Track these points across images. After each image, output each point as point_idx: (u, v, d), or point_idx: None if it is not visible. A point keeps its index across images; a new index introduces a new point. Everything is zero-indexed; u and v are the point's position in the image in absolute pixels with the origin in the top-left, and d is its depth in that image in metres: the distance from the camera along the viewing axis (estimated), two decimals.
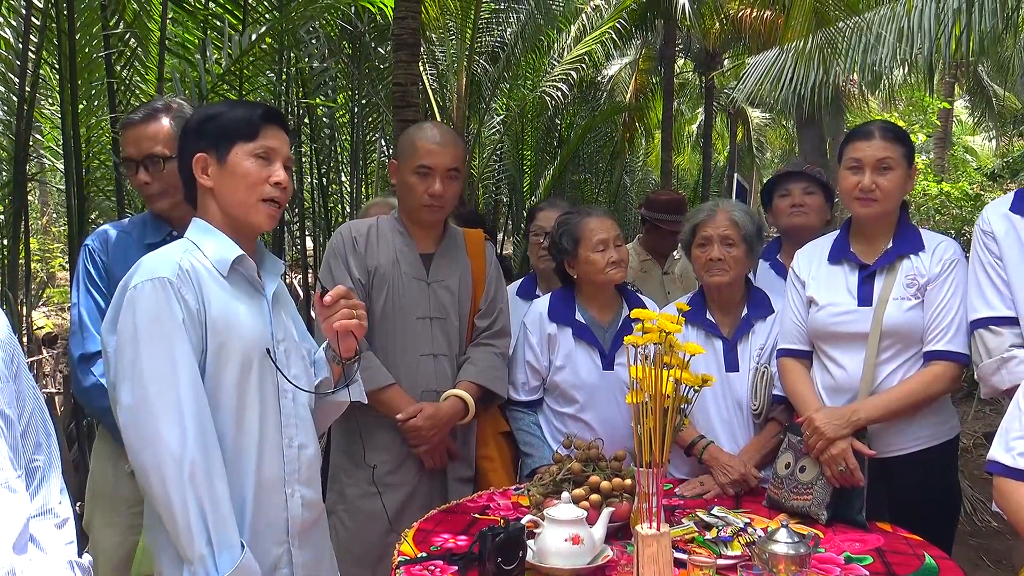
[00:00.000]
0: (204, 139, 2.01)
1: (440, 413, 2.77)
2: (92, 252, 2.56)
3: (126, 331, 1.85)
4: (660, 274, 4.29)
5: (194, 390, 1.82)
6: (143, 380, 1.81)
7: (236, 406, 1.92)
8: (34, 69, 5.08)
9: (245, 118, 1.99)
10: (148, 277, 1.87)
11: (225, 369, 1.90)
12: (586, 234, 2.93)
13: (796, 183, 3.40)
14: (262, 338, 1.98)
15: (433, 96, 9.28)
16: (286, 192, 2.01)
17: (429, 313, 2.84)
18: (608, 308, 2.99)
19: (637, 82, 14.86)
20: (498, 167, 12.11)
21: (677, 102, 16.52)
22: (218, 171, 1.99)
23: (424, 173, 2.77)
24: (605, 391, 2.89)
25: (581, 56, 10.53)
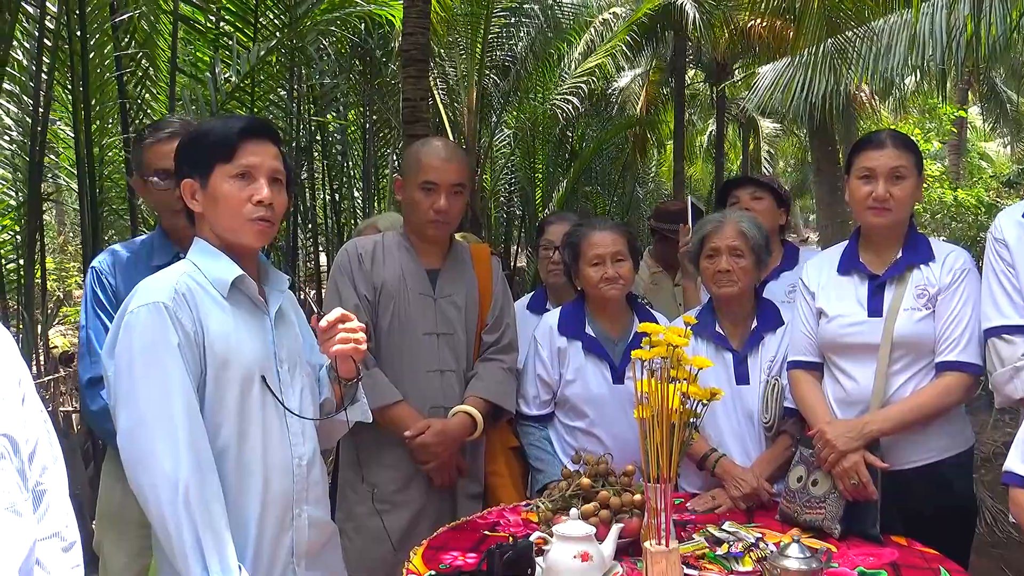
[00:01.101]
0: (188, 164, 2.01)
1: (448, 429, 2.75)
2: (100, 274, 2.55)
3: (123, 356, 1.85)
4: (671, 286, 4.25)
5: (188, 413, 1.82)
6: (139, 404, 1.81)
7: (238, 426, 1.91)
8: (47, 90, 5.13)
9: (220, 138, 1.96)
10: (144, 302, 1.86)
11: (226, 390, 1.90)
12: (584, 248, 2.93)
13: (743, 189, 3.43)
14: (263, 358, 1.97)
15: (444, 111, 9.31)
16: (274, 207, 1.98)
17: (436, 329, 2.84)
18: (618, 321, 2.98)
19: (648, 94, 14.86)
20: (510, 181, 12.13)
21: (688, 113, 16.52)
22: (203, 196, 1.98)
23: (429, 189, 2.77)
24: (615, 405, 2.87)
25: (592, 69, 10.56)
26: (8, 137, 5.67)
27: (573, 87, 10.56)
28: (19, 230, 5.70)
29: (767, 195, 3.39)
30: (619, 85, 14.45)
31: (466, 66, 9.37)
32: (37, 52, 5.01)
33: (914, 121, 19.53)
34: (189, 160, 2.00)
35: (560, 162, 12.68)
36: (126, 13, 5.17)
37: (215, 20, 6.13)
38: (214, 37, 6.18)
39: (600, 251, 2.91)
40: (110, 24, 5.13)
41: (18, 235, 5.77)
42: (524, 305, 3.53)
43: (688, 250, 3.00)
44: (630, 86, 14.87)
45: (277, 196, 1.99)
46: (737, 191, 3.43)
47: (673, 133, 13.12)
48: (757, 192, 3.39)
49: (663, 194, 17.63)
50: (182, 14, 5.65)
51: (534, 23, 10.11)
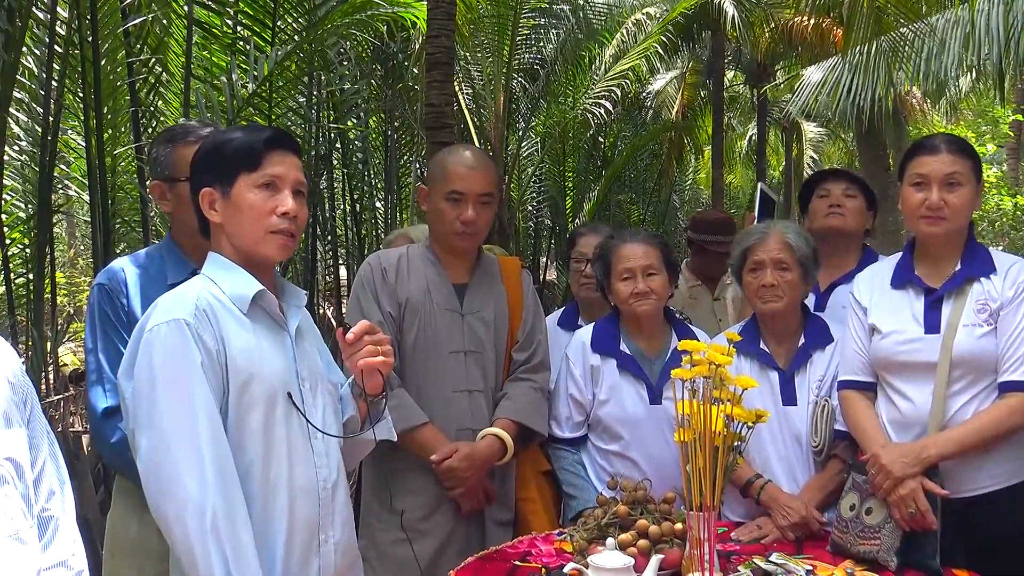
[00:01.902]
0: (209, 172, 2.02)
1: (477, 453, 2.74)
2: (109, 292, 2.46)
3: (143, 376, 1.86)
4: (710, 300, 4.23)
5: (214, 435, 1.82)
6: (161, 426, 1.82)
7: (263, 448, 1.92)
8: (58, 98, 5.20)
9: (246, 146, 1.98)
10: (164, 319, 1.87)
11: (249, 410, 1.91)
12: (614, 262, 2.93)
13: (836, 183, 3.31)
14: (286, 376, 1.98)
15: (469, 116, 9.35)
16: (297, 220, 2.00)
17: (463, 347, 2.83)
18: (655, 338, 2.96)
19: (684, 97, 14.86)
20: (539, 189, 12.14)
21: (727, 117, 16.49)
22: (224, 205, 2.00)
23: (456, 199, 2.77)
24: (652, 427, 2.85)
25: (625, 71, 10.57)
26: (17, 147, 5.75)
27: (605, 91, 10.58)
28: (29, 243, 5.77)
29: (860, 193, 3.29)
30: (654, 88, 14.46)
31: (493, 70, 9.40)
32: (47, 58, 5.08)
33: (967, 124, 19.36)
34: (210, 168, 2.02)
35: (591, 170, 12.68)
36: (138, 17, 5.24)
37: (231, 24, 6.19)
38: (230, 42, 6.24)
39: (630, 264, 2.90)
40: (122, 29, 5.19)
41: (28, 248, 5.85)
42: (555, 321, 3.53)
43: (731, 262, 2.98)
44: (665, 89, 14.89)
45: (300, 209, 2.01)
46: (829, 184, 3.31)
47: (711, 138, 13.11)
48: (851, 188, 3.29)
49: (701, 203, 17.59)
50: (197, 18, 5.71)
51: (564, 24, 10.15)
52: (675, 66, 14.75)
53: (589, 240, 3.55)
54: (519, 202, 11.01)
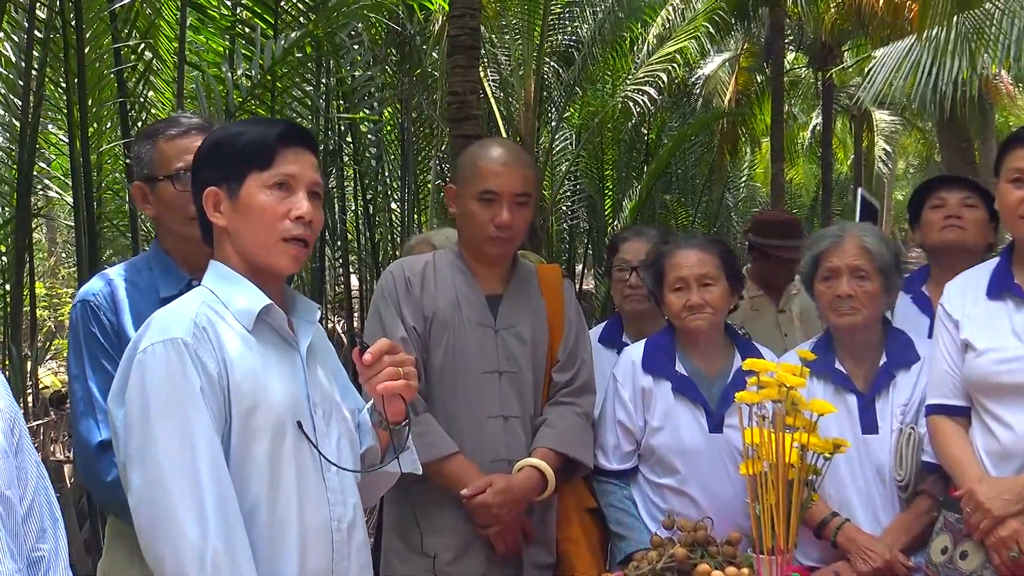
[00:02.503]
0: (214, 170, 2.02)
1: (513, 487, 2.73)
2: (94, 308, 2.43)
3: (135, 403, 1.85)
4: (774, 313, 4.21)
5: (215, 468, 1.82)
6: (156, 458, 1.81)
7: (270, 484, 1.91)
8: (38, 88, 5.25)
9: (257, 142, 1.98)
10: (159, 338, 1.86)
11: (254, 441, 1.90)
12: (667, 269, 2.93)
13: (953, 191, 3.25)
14: (296, 402, 1.97)
15: (496, 106, 9.38)
16: (313, 226, 2.00)
17: (497, 366, 2.83)
18: (715, 357, 2.95)
19: (738, 82, 14.83)
20: (574, 188, 12.15)
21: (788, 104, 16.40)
22: (231, 208, 1.99)
23: (489, 200, 2.77)
24: (712, 458, 2.84)
25: (671, 54, 10.55)
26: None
27: (649, 76, 10.55)
28: (5, 250, 5.85)
29: (981, 203, 3.22)
30: (704, 73, 14.44)
31: (522, 53, 9.43)
32: (27, 45, 5.14)
33: None
34: (215, 165, 2.02)
35: (633, 165, 12.68)
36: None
37: (230, 5, 6.25)
38: (229, 24, 6.31)
39: (683, 273, 2.89)
40: (108, 11, 5.25)
41: (4, 256, 5.92)
42: (595, 337, 3.51)
43: (800, 270, 2.96)
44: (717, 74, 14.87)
45: (316, 213, 2.01)
46: (944, 192, 3.26)
47: (770, 129, 13.06)
48: (971, 198, 3.23)
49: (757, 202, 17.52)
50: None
51: (602, 2, 10.16)
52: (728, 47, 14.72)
53: (633, 246, 3.54)
54: (552, 202, 11.01)
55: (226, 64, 5.53)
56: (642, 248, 3.45)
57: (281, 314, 2.00)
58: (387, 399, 2.06)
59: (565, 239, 12.74)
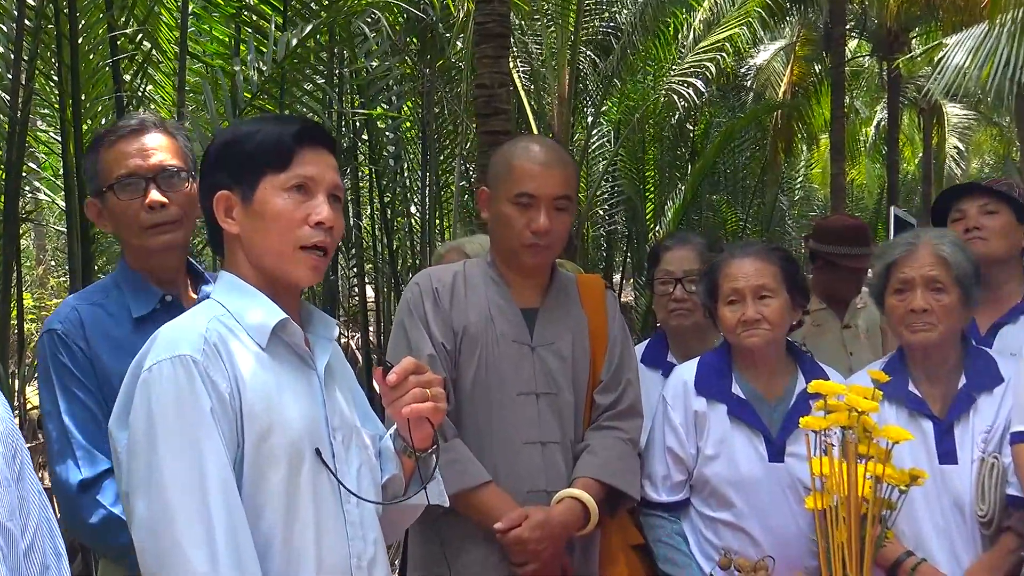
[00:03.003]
0: (225, 171, 2.03)
1: (552, 521, 2.73)
2: (63, 338, 2.45)
3: (139, 426, 1.86)
4: (839, 329, 4.20)
5: (226, 497, 1.82)
6: (162, 486, 1.81)
7: (285, 515, 1.91)
8: (28, 82, 5.28)
9: (273, 141, 1.99)
10: (166, 356, 1.87)
11: (269, 468, 1.90)
12: (721, 281, 2.93)
13: (971, 201, 3.31)
14: (314, 426, 1.98)
15: (527, 100, 9.39)
16: (333, 232, 2.01)
17: (534, 387, 2.83)
18: (776, 378, 2.95)
19: (794, 73, 14.79)
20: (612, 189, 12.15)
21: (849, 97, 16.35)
22: (244, 213, 2.00)
23: (525, 203, 2.77)
24: (772, 490, 2.84)
25: (719, 42, 10.55)
26: None
27: (695, 66, 10.57)
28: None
29: (1004, 207, 3.28)
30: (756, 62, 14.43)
31: (555, 42, 9.45)
32: (16, 35, 5.17)
33: None
34: (226, 167, 2.03)
35: (677, 165, 12.67)
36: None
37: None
38: (234, 11, 6.36)
39: (738, 284, 2.90)
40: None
41: None
42: (637, 356, 3.51)
43: (870, 282, 2.96)
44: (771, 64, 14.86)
45: (337, 219, 2.02)
46: (961, 203, 3.33)
47: (829, 124, 12.99)
48: (990, 204, 3.28)
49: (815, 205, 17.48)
50: None
51: None
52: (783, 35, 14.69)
53: (677, 255, 3.54)
54: (587, 205, 11.02)
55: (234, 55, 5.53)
56: (687, 257, 3.46)
57: (298, 330, 2.01)
58: (413, 424, 2.07)
59: (602, 246, 12.73)
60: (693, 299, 3.30)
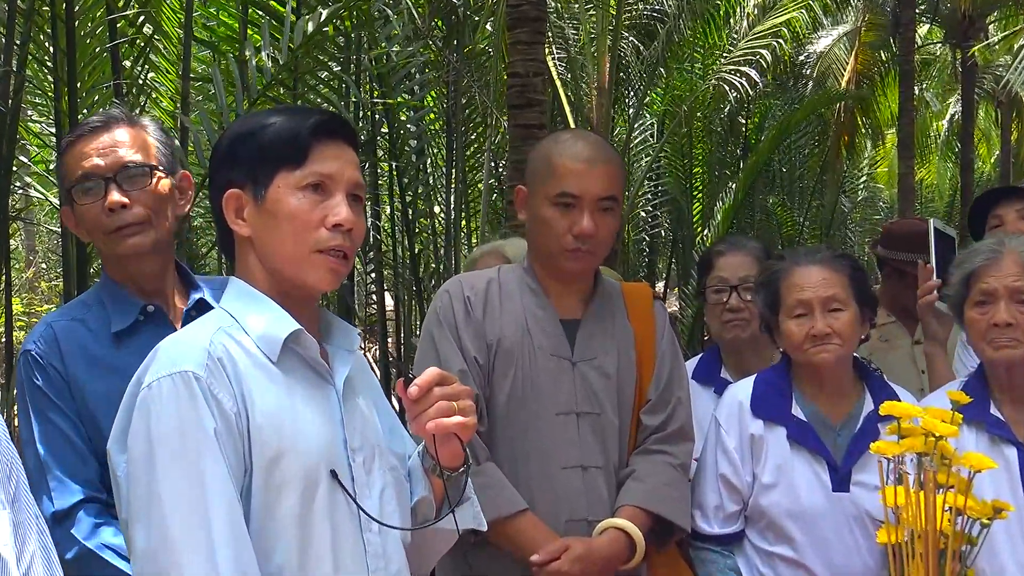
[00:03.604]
0: (236, 168, 2.03)
1: (594, 553, 2.72)
2: (37, 359, 2.49)
3: (138, 449, 1.86)
4: (910, 344, 4.17)
5: (232, 529, 1.82)
6: (163, 515, 1.81)
7: (298, 546, 1.91)
8: (19, 68, 5.33)
9: (287, 135, 2.00)
10: (166, 372, 1.87)
11: (280, 495, 1.90)
12: (784, 291, 2.92)
13: (1007, 205, 3.36)
14: (330, 447, 1.97)
15: (563, 90, 9.39)
16: (353, 235, 2.01)
17: (575, 406, 2.83)
18: (841, 398, 2.94)
19: (858, 62, 14.72)
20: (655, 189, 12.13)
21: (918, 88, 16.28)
22: (255, 213, 2.01)
23: (567, 204, 2.78)
24: (836, 523, 2.83)
25: (776, 27, 10.52)
26: None
27: (748, 54, 10.54)
28: None
29: None
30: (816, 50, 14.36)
31: (595, 26, 9.45)
32: (7, 17, 5.21)
33: None
34: (237, 163, 2.04)
35: (728, 162, 12.64)
36: None
37: None
38: None
39: (805, 295, 2.87)
40: None
41: None
42: (688, 373, 3.51)
43: (945, 295, 2.94)
44: (832, 51, 14.78)
45: (358, 220, 2.02)
46: (998, 208, 3.37)
47: (896, 118, 12.94)
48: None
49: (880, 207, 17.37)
50: None
51: None
52: (846, 19, 14.64)
53: (731, 260, 3.54)
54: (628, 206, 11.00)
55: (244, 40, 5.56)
56: (742, 263, 3.45)
57: (312, 342, 2.01)
58: (439, 441, 2.05)
59: (644, 251, 12.72)
60: (750, 308, 3.29)
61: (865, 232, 17.18)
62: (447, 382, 2.04)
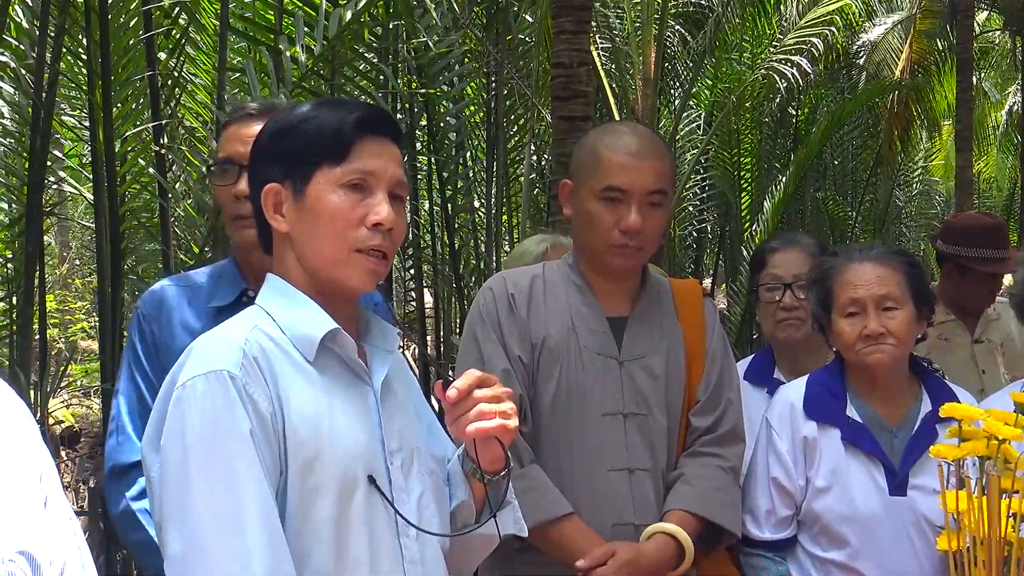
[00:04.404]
0: (275, 163, 2.04)
1: (642, 559, 2.70)
2: (141, 318, 2.65)
3: (172, 450, 1.86)
4: (969, 344, 4.16)
5: (268, 533, 1.82)
6: (197, 519, 1.82)
7: (335, 552, 1.91)
8: (54, 61, 5.37)
9: (329, 130, 2.00)
10: (200, 371, 1.88)
11: (316, 499, 1.90)
12: (837, 289, 2.90)
13: None
14: (368, 450, 1.97)
15: (607, 82, 9.37)
16: (393, 235, 2.01)
17: (622, 407, 2.82)
18: (898, 400, 2.92)
19: (913, 50, 14.61)
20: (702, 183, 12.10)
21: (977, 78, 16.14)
22: (294, 209, 2.01)
23: (614, 198, 2.77)
24: (894, 528, 2.81)
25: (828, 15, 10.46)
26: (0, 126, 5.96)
27: (799, 43, 10.50)
28: (12, 256, 5.96)
29: None
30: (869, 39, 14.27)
31: (640, 15, 9.43)
32: (42, 9, 5.25)
33: None
34: (277, 157, 2.04)
35: (778, 154, 12.57)
36: None
37: None
38: None
39: (859, 294, 2.86)
40: None
41: (9, 264, 6.05)
42: (740, 374, 3.48)
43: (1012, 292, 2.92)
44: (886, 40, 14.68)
45: (399, 219, 2.02)
46: None
47: (954, 109, 12.82)
48: None
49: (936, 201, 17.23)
50: None
51: None
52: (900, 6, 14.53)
53: (785, 257, 3.52)
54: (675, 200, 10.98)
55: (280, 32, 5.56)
56: (797, 260, 3.43)
57: (349, 341, 2.01)
58: (480, 444, 2.05)
59: (691, 247, 12.68)
60: (805, 306, 3.27)
61: (920, 227, 17.06)
62: (488, 384, 2.04)
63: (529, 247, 3.71)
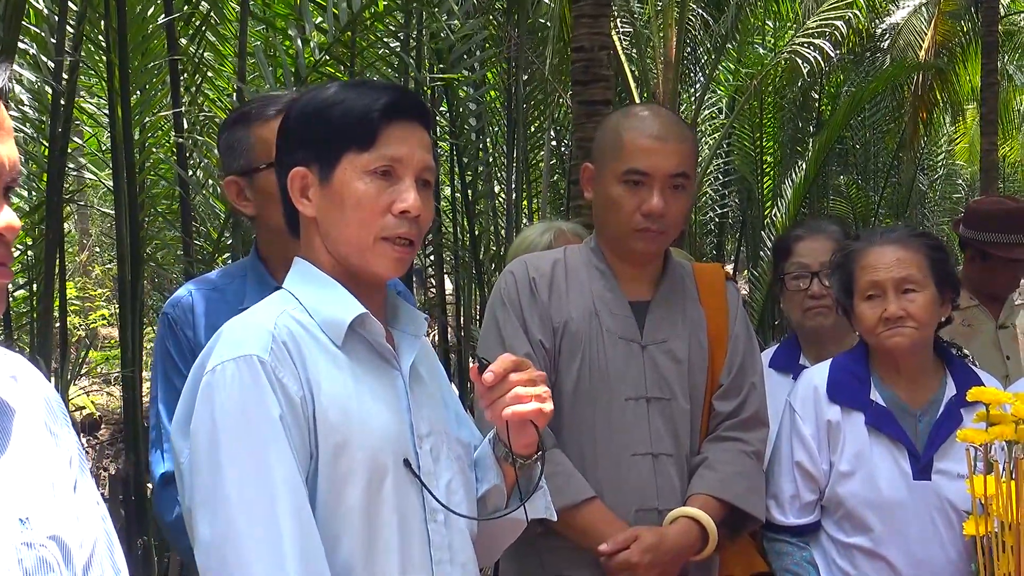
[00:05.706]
0: (302, 146, 2.04)
1: (665, 543, 2.71)
2: (173, 323, 2.63)
3: (202, 435, 1.87)
4: (993, 329, 4.15)
5: (299, 518, 1.83)
6: (227, 505, 1.82)
7: (366, 537, 1.91)
8: (74, 47, 5.37)
9: (356, 114, 1.99)
10: (230, 356, 1.88)
11: (346, 484, 1.90)
12: (858, 272, 2.90)
13: None
14: (398, 435, 1.98)
15: (627, 66, 9.35)
16: (420, 222, 2.01)
17: (645, 391, 2.82)
18: (922, 384, 2.91)
19: (938, 32, 14.51)
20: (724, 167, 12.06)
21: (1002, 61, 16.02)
22: (321, 194, 2.01)
23: (636, 181, 2.76)
24: (918, 513, 2.81)
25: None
26: (19, 114, 5.95)
27: (822, 26, 10.44)
28: (32, 244, 5.98)
29: None
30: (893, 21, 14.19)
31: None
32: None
33: None
34: (305, 140, 2.04)
35: (801, 139, 12.52)
36: None
37: None
38: None
39: (878, 277, 2.85)
40: None
41: (30, 251, 6.07)
42: (766, 360, 3.49)
43: None
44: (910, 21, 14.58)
45: (425, 207, 2.01)
46: None
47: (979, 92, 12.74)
48: None
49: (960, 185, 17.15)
50: None
51: None
52: None
53: (811, 245, 3.51)
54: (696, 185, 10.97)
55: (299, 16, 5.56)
56: (823, 247, 3.42)
57: (378, 326, 2.00)
58: (514, 428, 2.05)
59: (712, 232, 12.65)
60: (832, 294, 3.26)
61: (944, 212, 16.97)
62: (523, 367, 2.04)
63: (534, 238, 3.70)
